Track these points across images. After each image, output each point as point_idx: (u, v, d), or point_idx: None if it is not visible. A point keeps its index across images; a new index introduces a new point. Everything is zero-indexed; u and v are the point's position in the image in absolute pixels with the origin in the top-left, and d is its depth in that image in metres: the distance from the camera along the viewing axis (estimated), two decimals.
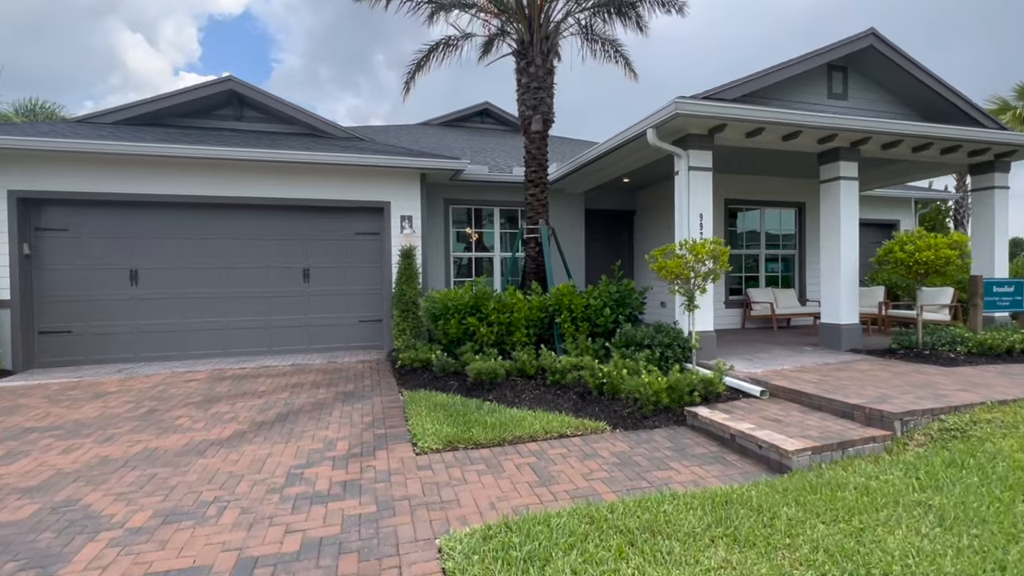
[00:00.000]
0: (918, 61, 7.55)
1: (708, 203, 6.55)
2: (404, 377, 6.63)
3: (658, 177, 10.33)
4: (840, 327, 7.18)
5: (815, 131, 6.58)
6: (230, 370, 7.30)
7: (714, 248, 5.61)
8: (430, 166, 8.42)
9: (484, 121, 16.67)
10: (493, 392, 5.68)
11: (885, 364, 6.09)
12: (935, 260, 6.30)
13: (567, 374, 5.61)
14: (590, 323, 6.98)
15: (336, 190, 8.40)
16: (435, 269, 9.83)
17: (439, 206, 9.92)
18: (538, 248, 7.88)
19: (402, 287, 8.17)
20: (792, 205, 11.02)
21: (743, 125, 6.30)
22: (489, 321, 6.85)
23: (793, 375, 5.54)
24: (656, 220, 11.13)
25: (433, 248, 9.80)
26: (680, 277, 5.73)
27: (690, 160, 6.44)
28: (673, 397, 4.88)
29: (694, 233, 6.47)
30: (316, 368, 7.40)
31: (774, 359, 6.54)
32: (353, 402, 5.65)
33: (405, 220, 8.64)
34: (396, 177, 8.63)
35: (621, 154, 7.55)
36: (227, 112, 9.38)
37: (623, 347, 6.36)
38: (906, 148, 7.44)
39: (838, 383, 5.11)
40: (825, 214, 7.42)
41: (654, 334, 6.23)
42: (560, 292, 6.92)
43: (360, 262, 8.78)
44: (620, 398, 5.20)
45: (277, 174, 8.12)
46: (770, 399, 5.09)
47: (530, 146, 7.85)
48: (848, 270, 7.21)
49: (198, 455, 4.13)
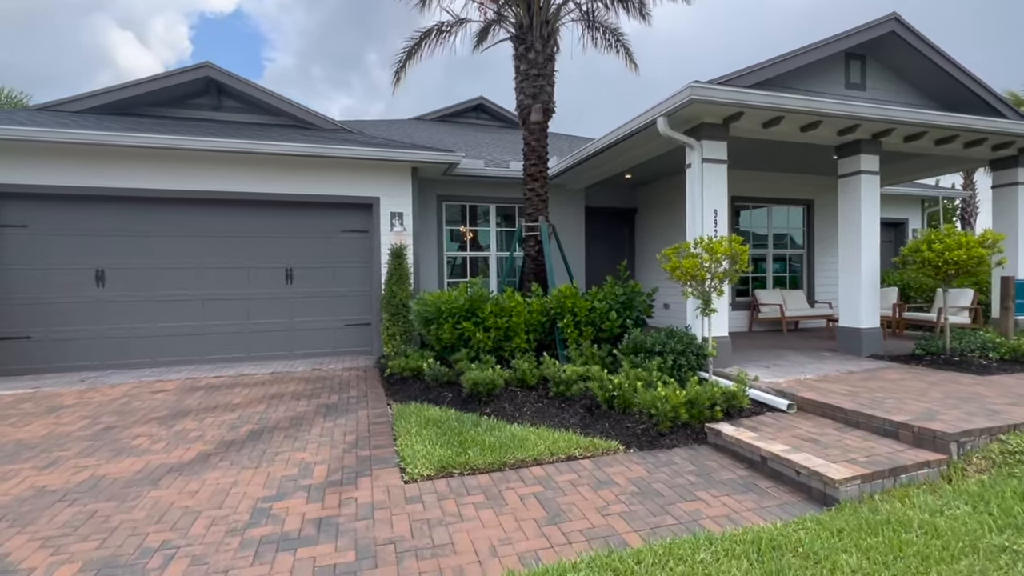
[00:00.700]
0: (941, 48, 7.11)
1: (723, 198, 6.06)
2: (393, 387, 6.09)
3: (661, 173, 9.86)
4: (861, 331, 6.72)
5: (838, 121, 6.12)
6: (204, 379, 6.72)
7: (733, 247, 5.12)
8: (422, 159, 7.88)
9: (479, 117, 16.17)
10: (491, 405, 5.16)
11: (915, 372, 5.62)
12: (967, 260, 5.85)
13: (572, 385, 5.10)
14: (595, 328, 6.47)
15: (321, 184, 7.84)
16: (427, 269, 9.29)
17: (432, 203, 9.38)
18: (538, 247, 7.37)
19: (392, 288, 7.62)
20: (800, 203, 10.59)
21: (762, 113, 5.82)
22: (486, 326, 6.32)
23: (820, 386, 5.06)
24: (658, 218, 10.65)
25: (425, 247, 9.25)
26: (695, 278, 5.23)
27: (704, 151, 5.95)
28: (692, 413, 4.38)
29: (708, 230, 5.98)
30: (298, 376, 6.83)
31: (793, 366, 6.07)
32: (336, 416, 5.10)
33: (395, 217, 8.09)
34: (386, 171, 8.08)
35: (628, 145, 7.05)
36: (204, 102, 8.78)
37: (631, 354, 5.85)
38: (929, 141, 7.00)
39: (872, 395, 4.64)
40: (844, 210, 6.96)
41: (665, 340, 5.73)
42: (562, 294, 6.41)
43: (347, 262, 8.23)
44: (632, 413, 4.69)
45: (257, 167, 7.55)
46: (798, 413, 4.61)
47: (529, 138, 7.34)
48: (869, 271, 6.76)
49: (151, 485, 3.57)
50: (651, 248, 10.90)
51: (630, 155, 7.66)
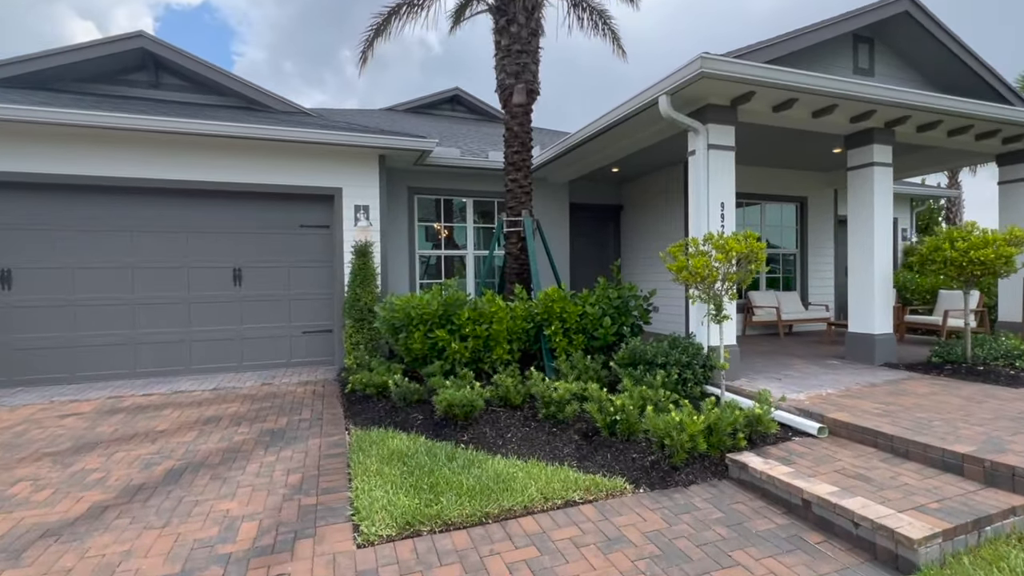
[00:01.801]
0: (954, 32, 6.62)
1: (731, 189, 5.39)
2: (354, 406, 5.22)
3: (649, 167, 9.21)
4: (874, 338, 6.15)
5: (854, 105, 5.51)
6: (129, 398, 5.71)
7: (749, 243, 4.44)
8: (391, 145, 7.00)
9: (455, 109, 15.34)
10: (469, 430, 4.34)
11: (942, 385, 5.05)
12: (995, 259, 5.32)
13: (566, 407, 4.33)
14: (586, 335, 5.72)
15: (275, 173, 6.89)
16: (397, 270, 8.41)
17: (402, 196, 8.50)
18: (521, 244, 6.58)
19: (356, 291, 6.73)
20: (793, 200, 10.08)
21: (776, 94, 5.16)
22: (462, 335, 5.51)
23: (847, 403, 4.41)
24: (645, 216, 10.00)
25: (395, 245, 8.37)
26: (705, 280, 4.53)
27: (709, 137, 5.26)
28: (711, 441, 3.66)
29: (714, 225, 5.30)
30: (243, 394, 5.88)
31: (805, 378, 5.44)
32: (281, 447, 4.21)
33: (360, 211, 7.19)
34: (349, 159, 7.18)
35: (623, 131, 6.32)
36: (140, 78, 7.71)
37: (629, 366, 5.12)
38: (942, 131, 6.49)
39: (911, 415, 4.00)
40: (854, 206, 6.39)
41: (668, 350, 5.02)
42: (549, 298, 5.64)
43: (305, 261, 7.29)
44: (637, 440, 3.95)
45: (199, 151, 6.55)
46: (830, 439, 3.93)
47: (511, 122, 6.54)
48: (882, 272, 6.19)
49: (7, 559, 2.64)
50: (638, 247, 10.25)
51: (622, 144, 6.95)
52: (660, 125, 5.92)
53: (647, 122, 5.89)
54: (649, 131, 6.21)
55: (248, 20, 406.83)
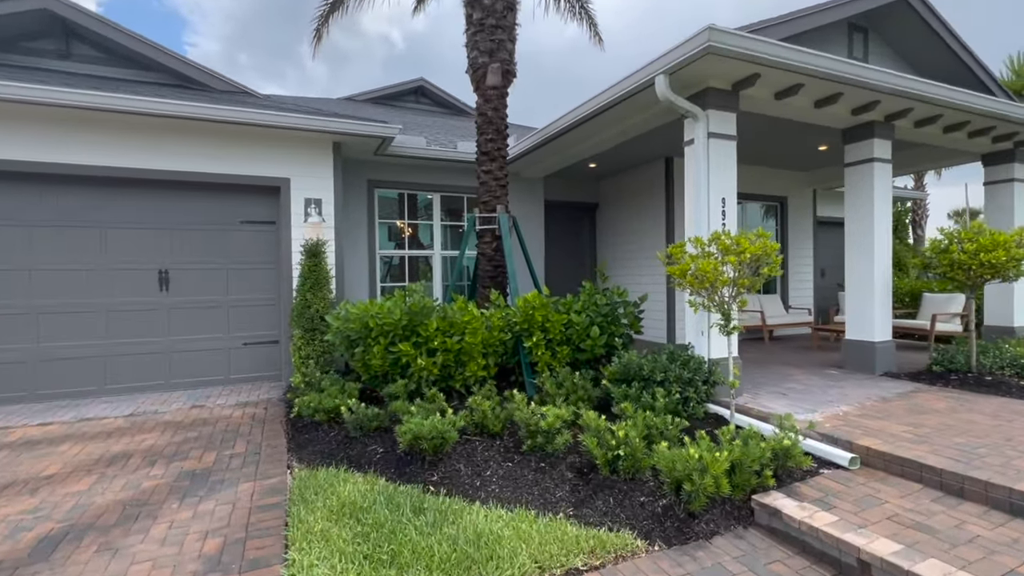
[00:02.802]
0: (951, 25, 6.32)
1: (732, 183, 4.84)
2: (301, 436, 4.38)
3: (628, 163, 8.67)
4: (874, 346, 5.74)
5: (861, 94, 5.07)
6: (18, 429, 4.67)
7: (764, 243, 3.87)
8: (346, 130, 6.15)
9: (419, 101, 14.50)
10: (439, 468, 3.60)
11: (956, 398, 4.64)
12: (1006, 262, 4.96)
13: (556, 437, 3.63)
14: (572, 347, 5.06)
15: (211, 160, 5.93)
16: (355, 272, 7.54)
17: (361, 189, 7.63)
18: (496, 244, 5.86)
19: (306, 296, 5.85)
20: (774, 200, 9.75)
21: (782, 78, 4.64)
22: (431, 348, 4.75)
23: (870, 424, 3.90)
24: (621, 215, 9.45)
25: (353, 244, 7.50)
26: (714, 285, 3.93)
27: (710, 124, 4.69)
28: (736, 481, 3.04)
29: (715, 223, 4.73)
30: (165, 421, 4.92)
31: (811, 391, 4.95)
32: (203, 495, 3.35)
33: (312, 205, 6.31)
34: (298, 146, 6.28)
35: (611, 117, 5.69)
36: (47, 46, 6.58)
37: (622, 382, 4.49)
38: (939, 127, 6.17)
39: (948, 440, 3.51)
40: (853, 204, 5.98)
41: (668, 365, 4.41)
42: (530, 305, 4.94)
43: (248, 262, 6.34)
44: (643, 478, 3.30)
45: (117, 133, 5.54)
46: (864, 471, 3.39)
47: (484, 106, 5.81)
48: (883, 276, 5.80)
49: None
50: (615, 247, 9.70)
51: (607, 134, 6.33)
52: (652, 111, 5.33)
53: (639, 107, 5.29)
54: (639, 118, 5.61)
55: (201, 9, 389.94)
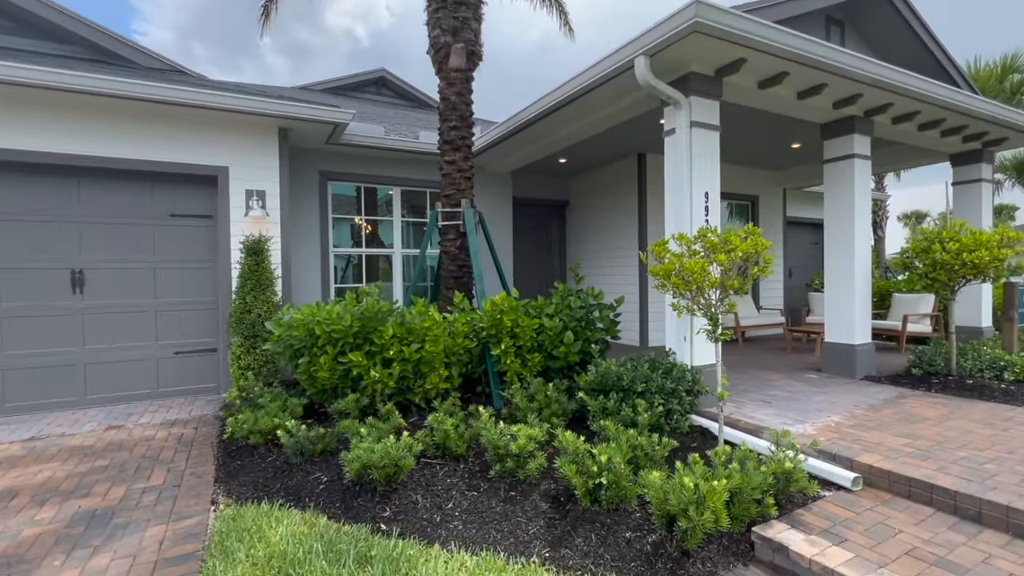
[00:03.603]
0: (926, 21, 6.21)
1: (715, 177, 4.50)
2: (233, 462, 3.77)
3: (600, 159, 8.34)
4: (855, 349, 5.54)
5: (846, 86, 4.83)
6: None
7: (755, 241, 3.51)
8: (293, 114, 5.53)
9: (381, 92, 13.87)
10: (393, 500, 3.08)
11: (942, 403, 4.43)
12: (989, 262, 4.82)
13: (528, 461, 3.16)
14: (544, 354, 4.61)
15: (136, 145, 5.21)
16: (305, 272, 6.89)
17: (312, 182, 6.99)
18: (460, 241, 5.36)
19: (245, 299, 5.20)
20: (745, 199, 9.61)
21: (768, 64, 4.33)
22: (386, 358, 4.21)
23: (865, 436, 3.61)
24: (593, 213, 9.11)
25: (303, 241, 6.85)
26: (701, 287, 3.55)
27: (692, 112, 4.33)
28: (735, 512, 2.65)
29: (697, 220, 4.38)
30: (72, 446, 4.21)
31: (796, 398, 4.67)
32: (97, 545, 2.73)
33: (254, 197, 5.65)
34: (239, 130, 5.62)
35: (585, 105, 5.27)
36: None
37: (599, 393, 4.08)
38: (914, 124, 6.04)
39: (952, 454, 3.24)
40: (833, 202, 5.77)
41: (649, 374, 4.02)
42: (498, 308, 4.47)
43: (179, 260, 5.63)
44: (628, 508, 2.88)
45: (22, 111, 4.76)
46: (867, 492, 3.07)
47: (447, 90, 5.30)
48: (863, 276, 5.61)
49: None
50: (586, 246, 9.35)
51: (579, 124, 5.92)
52: (628, 100, 4.95)
53: (615, 94, 4.89)
54: (614, 108, 5.21)
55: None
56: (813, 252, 11.79)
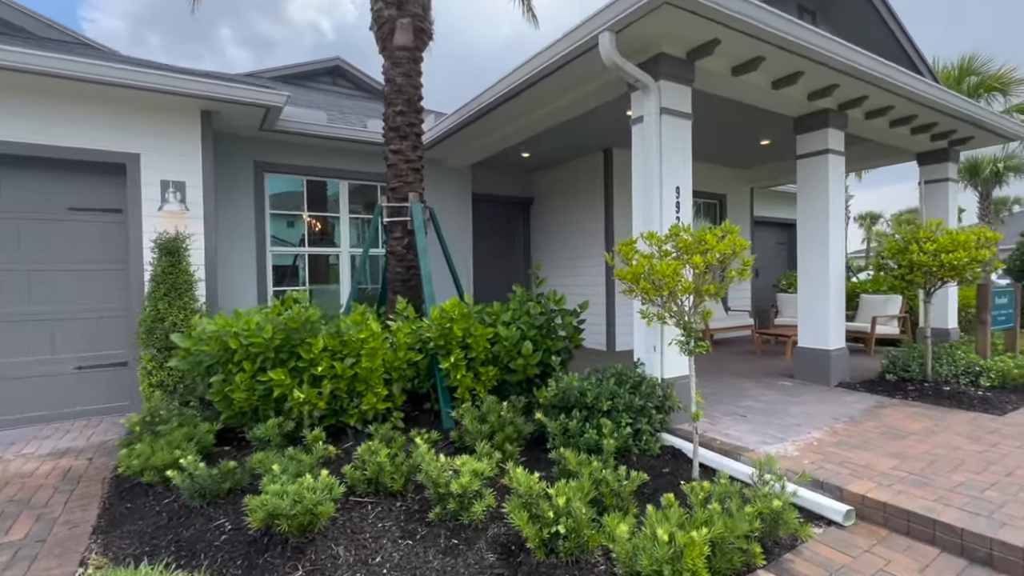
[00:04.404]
0: (899, 16, 6.00)
1: (687, 169, 4.10)
2: (121, 505, 3.13)
3: (565, 154, 7.94)
4: (829, 355, 5.27)
5: (822, 75, 4.51)
6: None
7: (732, 241, 3.10)
8: (217, 94, 4.85)
9: (336, 82, 13.08)
10: (309, 554, 2.52)
11: (922, 413, 4.16)
12: (968, 264, 4.59)
13: (472, 503, 2.65)
14: (499, 367, 4.12)
15: (25, 126, 4.45)
16: (237, 275, 6.19)
17: (246, 173, 6.28)
18: (408, 240, 4.81)
19: (158, 307, 4.51)
20: (713, 198, 9.36)
21: (743, 46, 3.95)
22: (315, 375, 3.63)
23: (852, 458, 3.26)
24: (558, 211, 8.68)
25: (235, 240, 6.15)
26: (674, 293, 3.12)
27: (662, 97, 3.91)
28: (716, 565, 2.22)
29: (668, 217, 3.96)
30: None
31: (773, 410, 4.32)
32: None
33: (170, 189, 4.95)
34: (152, 113, 4.91)
35: (546, 90, 4.79)
36: None
37: (560, 411, 3.61)
38: (886, 120, 5.83)
39: (948, 479, 2.91)
40: (806, 199, 5.49)
41: (615, 389, 3.58)
42: (447, 316, 3.95)
43: (82, 261, 4.89)
44: (591, 560, 2.41)
45: None
46: (860, 524, 2.70)
47: (392, 70, 4.74)
48: (837, 276, 5.34)
49: None
50: (551, 246, 8.92)
51: (540, 113, 5.44)
52: (592, 86, 4.51)
53: (578, 78, 4.43)
54: (579, 93, 4.75)
55: None
56: (779, 252, 11.71)
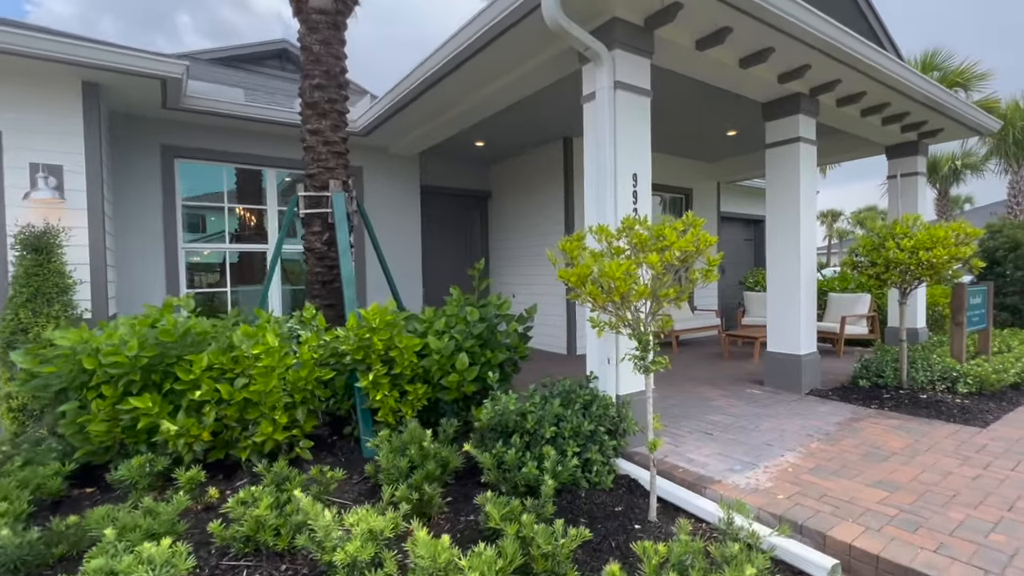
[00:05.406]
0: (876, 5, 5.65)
1: (646, 154, 3.58)
2: None
3: (523, 144, 7.37)
4: (800, 360, 4.86)
5: (796, 51, 4.04)
6: None
7: (695, 235, 2.58)
8: (100, 61, 4.07)
9: (284, 67, 12.21)
10: None
11: (899, 425, 3.77)
12: (947, 262, 4.22)
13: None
14: (430, 385, 3.51)
15: None
16: (141, 276, 5.39)
17: (150, 158, 5.47)
18: (328, 236, 4.14)
19: (19, 315, 3.74)
20: (678, 192, 8.96)
21: (708, 12, 3.44)
22: (196, 401, 2.95)
23: (830, 487, 2.80)
24: (518, 206, 8.12)
25: (136, 236, 5.35)
26: (626, 298, 2.58)
27: (616, 70, 3.37)
28: None
29: (624, 208, 3.43)
30: None
31: (742, 425, 3.86)
32: None
33: (40, 173, 4.15)
34: (16, 82, 4.11)
35: (490, 61, 4.18)
36: None
37: (499, 435, 3.04)
38: (857, 108, 5.46)
39: (944, 515, 2.47)
40: (776, 190, 5.07)
41: (562, 412, 3.03)
42: (366, 324, 3.32)
43: None
44: None
45: None
46: None
47: (309, 37, 4.06)
48: (808, 275, 4.94)
49: None
50: (509, 243, 8.35)
51: (487, 91, 4.83)
52: (543, 57, 3.94)
53: (524, 48, 3.85)
54: (527, 67, 4.16)
55: None
56: (746, 248, 11.45)
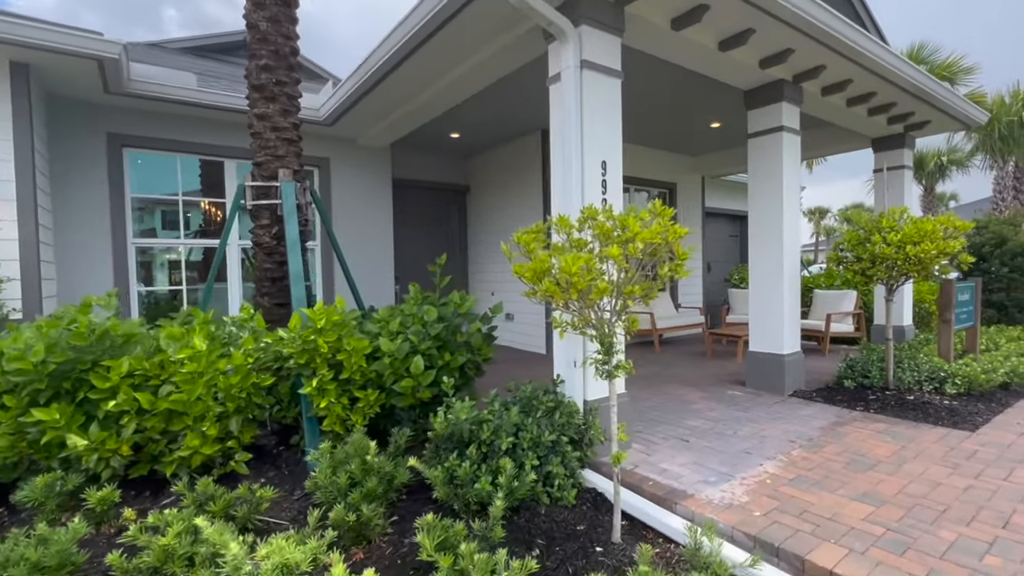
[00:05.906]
0: None
1: (616, 139, 3.32)
2: None
3: (499, 136, 7.09)
4: (783, 360, 4.64)
5: (778, 34, 3.80)
6: None
7: (662, 226, 2.33)
8: (26, 38, 3.73)
9: None
10: None
11: (885, 430, 3.55)
12: (936, 257, 4.01)
13: None
14: (382, 391, 3.23)
15: None
16: (85, 273, 5.04)
17: (95, 147, 5.11)
18: (277, 229, 3.84)
19: None
20: (663, 186, 8.73)
21: None
22: (112, 412, 2.64)
23: (810, 502, 2.57)
24: (495, 200, 7.84)
25: (79, 231, 5.00)
26: (586, 295, 2.32)
27: (583, 48, 3.10)
28: None
29: (591, 197, 3.17)
30: None
31: (720, 432, 3.63)
32: None
33: None
34: None
35: (450, 41, 3.89)
36: None
37: (454, 446, 2.77)
38: (843, 97, 5.24)
39: (935, 535, 2.25)
40: (759, 182, 4.84)
41: (521, 421, 2.76)
42: (311, 324, 3.02)
43: None
44: None
45: None
46: None
47: (255, 14, 3.74)
48: (792, 271, 4.72)
49: None
50: (487, 238, 8.08)
51: (450, 77, 4.55)
52: (509, 37, 3.66)
53: (488, 26, 3.57)
54: (492, 48, 3.87)
55: None
56: (732, 245, 11.26)
